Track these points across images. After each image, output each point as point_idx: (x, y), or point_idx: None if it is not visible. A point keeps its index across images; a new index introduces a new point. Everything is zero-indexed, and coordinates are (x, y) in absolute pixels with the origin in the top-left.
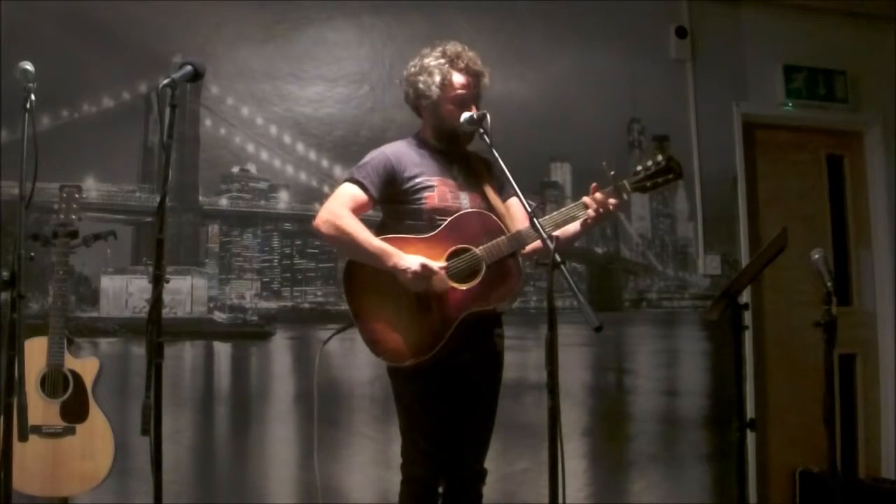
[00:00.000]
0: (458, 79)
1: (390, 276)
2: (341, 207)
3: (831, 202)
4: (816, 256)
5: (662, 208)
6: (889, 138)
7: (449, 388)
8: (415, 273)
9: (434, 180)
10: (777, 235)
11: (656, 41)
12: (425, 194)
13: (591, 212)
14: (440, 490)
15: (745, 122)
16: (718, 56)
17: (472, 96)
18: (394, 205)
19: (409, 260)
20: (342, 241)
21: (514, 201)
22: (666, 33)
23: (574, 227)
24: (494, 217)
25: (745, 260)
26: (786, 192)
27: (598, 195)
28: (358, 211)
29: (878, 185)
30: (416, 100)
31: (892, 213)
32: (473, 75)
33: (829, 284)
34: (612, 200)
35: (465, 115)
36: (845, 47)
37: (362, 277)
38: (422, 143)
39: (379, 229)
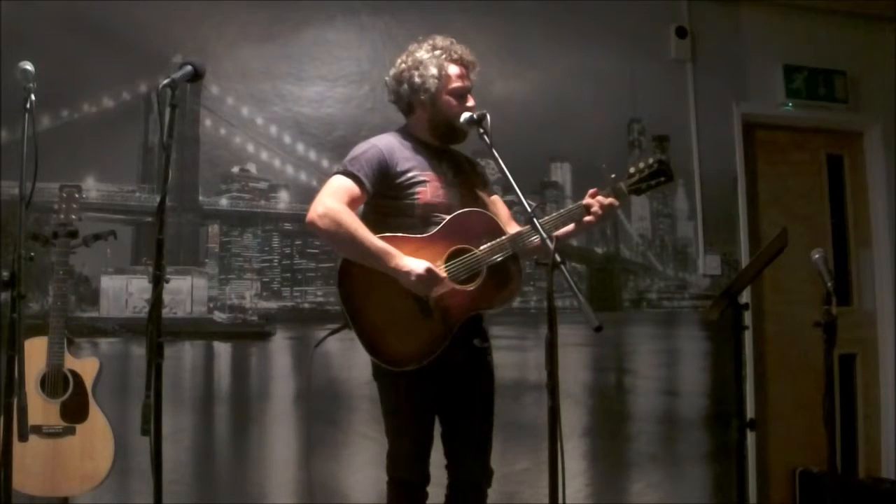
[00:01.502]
0: (454, 70)
1: (388, 276)
2: (337, 202)
3: (831, 202)
4: (816, 256)
5: (662, 208)
6: (889, 138)
7: (438, 388)
8: (419, 276)
9: (426, 175)
10: (777, 235)
11: (656, 41)
12: (418, 189)
13: (595, 209)
14: (427, 490)
15: (745, 122)
16: (718, 56)
17: (468, 88)
18: (384, 199)
19: (414, 263)
20: (340, 237)
21: (496, 199)
22: (666, 33)
23: (569, 227)
24: (492, 216)
25: (745, 260)
26: (786, 192)
27: (598, 197)
28: (352, 205)
29: (878, 185)
30: (412, 95)
31: (892, 213)
32: (467, 66)
33: (829, 284)
34: (612, 202)
35: (464, 116)
36: (845, 47)
37: (359, 278)
38: (409, 137)
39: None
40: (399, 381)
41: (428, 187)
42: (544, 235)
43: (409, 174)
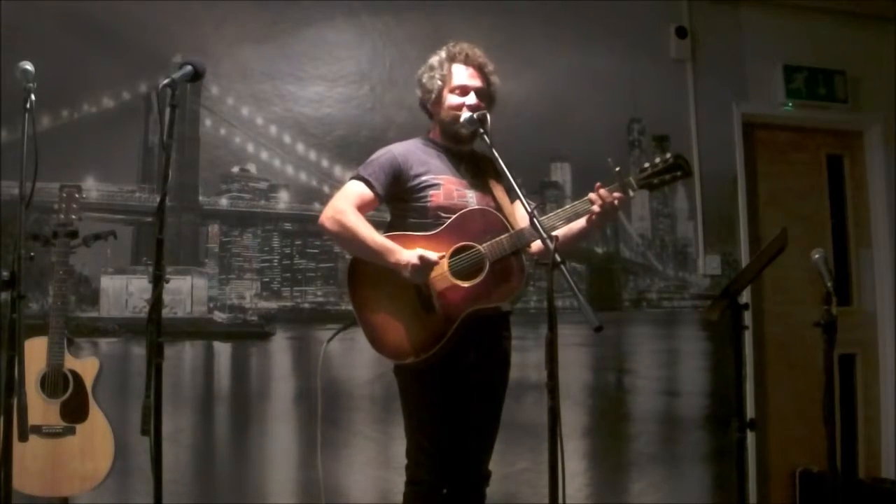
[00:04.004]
0: (458, 69)
1: (393, 273)
2: (346, 204)
3: (831, 202)
4: (816, 256)
5: (662, 208)
6: (889, 138)
7: (455, 389)
8: (413, 265)
9: (440, 178)
10: (777, 235)
11: (656, 41)
12: (430, 192)
13: (595, 207)
14: (444, 492)
15: (745, 122)
16: (718, 56)
17: (475, 88)
18: (400, 203)
19: (408, 254)
20: (345, 237)
21: (519, 205)
22: (666, 33)
23: (580, 223)
24: (499, 215)
25: (745, 260)
26: (786, 192)
27: (602, 191)
28: (364, 208)
29: (878, 185)
30: (424, 96)
31: (892, 213)
32: (476, 67)
33: (829, 284)
34: (616, 195)
35: (464, 115)
36: (845, 47)
37: (365, 275)
38: (430, 142)
39: (387, 229)
40: (416, 381)
41: (441, 190)
42: (544, 235)
43: (423, 178)
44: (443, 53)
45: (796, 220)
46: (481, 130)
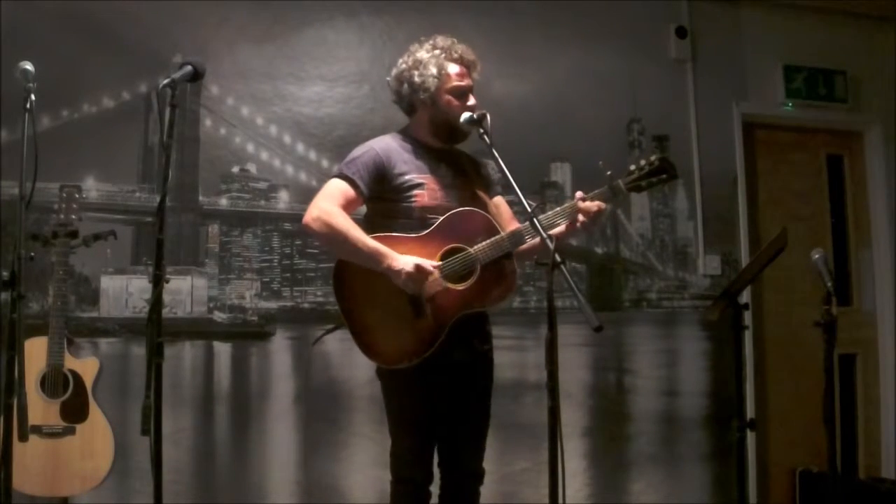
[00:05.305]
0: (454, 69)
1: (382, 276)
2: (332, 205)
3: (831, 202)
4: (816, 256)
5: (662, 208)
6: (889, 138)
7: (440, 387)
8: (409, 274)
9: (424, 178)
10: (777, 235)
11: (656, 41)
12: (415, 192)
13: (580, 215)
14: (430, 489)
15: (745, 122)
16: (718, 56)
17: (469, 87)
18: (383, 202)
19: (404, 261)
20: (334, 239)
21: (499, 201)
22: (666, 33)
23: (560, 228)
24: (487, 216)
25: (745, 260)
26: (786, 192)
27: (586, 203)
28: (348, 208)
29: (878, 185)
30: (412, 94)
31: (892, 213)
32: (468, 66)
33: (829, 284)
34: (598, 206)
35: (464, 116)
36: (845, 47)
37: (353, 278)
38: (409, 139)
39: (366, 227)
40: (401, 380)
41: (426, 190)
42: (544, 235)
43: (407, 177)
44: (434, 50)
45: (796, 220)
46: (481, 130)
